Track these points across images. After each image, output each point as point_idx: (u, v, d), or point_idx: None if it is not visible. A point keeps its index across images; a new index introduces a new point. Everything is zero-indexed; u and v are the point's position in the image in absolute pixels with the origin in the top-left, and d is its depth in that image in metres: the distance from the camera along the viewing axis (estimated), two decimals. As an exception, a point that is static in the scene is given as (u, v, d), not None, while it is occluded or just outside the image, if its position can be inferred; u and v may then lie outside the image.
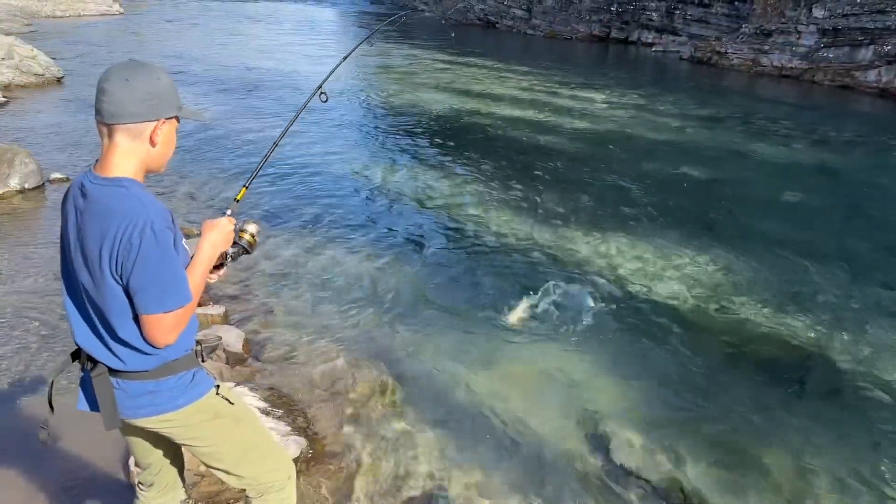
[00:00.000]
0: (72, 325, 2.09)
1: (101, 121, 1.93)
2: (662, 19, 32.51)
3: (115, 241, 1.87)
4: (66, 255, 2.04)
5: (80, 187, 1.97)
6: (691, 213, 8.51)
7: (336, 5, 59.53)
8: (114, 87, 1.91)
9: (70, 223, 1.99)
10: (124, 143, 1.95)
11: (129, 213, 1.87)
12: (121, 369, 2.04)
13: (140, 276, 1.89)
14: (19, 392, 4.19)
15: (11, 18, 28.05)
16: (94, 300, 1.98)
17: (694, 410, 4.50)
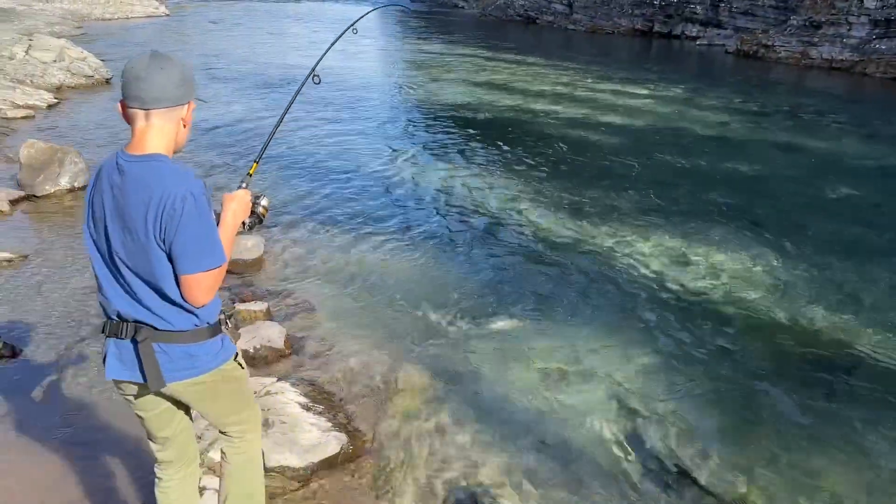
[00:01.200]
0: (108, 297, 2.22)
1: (139, 106, 2.09)
2: (707, 12, 31.90)
3: (159, 209, 2.04)
4: (99, 231, 2.18)
5: (116, 167, 2.12)
6: (737, 210, 8.32)
7: (375, 4, 59.84)
8: (152, 75, 2.06)
9: (106, 200, 2.13)
10: (160, 125, 2.12)
11: (171, 183, 2.06)
12: (166, 329, 2.19)
13: (182, 240, 2.06)
14: (77, 387, 4.29)
15: (63, 21, 28.84)
16: (136, 268, 2.14)
17: (737, 411, 4.39)
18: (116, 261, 2.15)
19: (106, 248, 2.17)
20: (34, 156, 7.80)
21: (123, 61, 10.54)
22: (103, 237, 2.16)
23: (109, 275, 2.20)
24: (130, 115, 2.13)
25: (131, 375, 2.24)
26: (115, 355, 2.26)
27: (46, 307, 5.23)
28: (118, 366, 2.26)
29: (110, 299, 2.21)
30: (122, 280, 2.17)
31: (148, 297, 2.17)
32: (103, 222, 2.14)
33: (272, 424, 3.77)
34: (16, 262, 5.95)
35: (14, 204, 7.40)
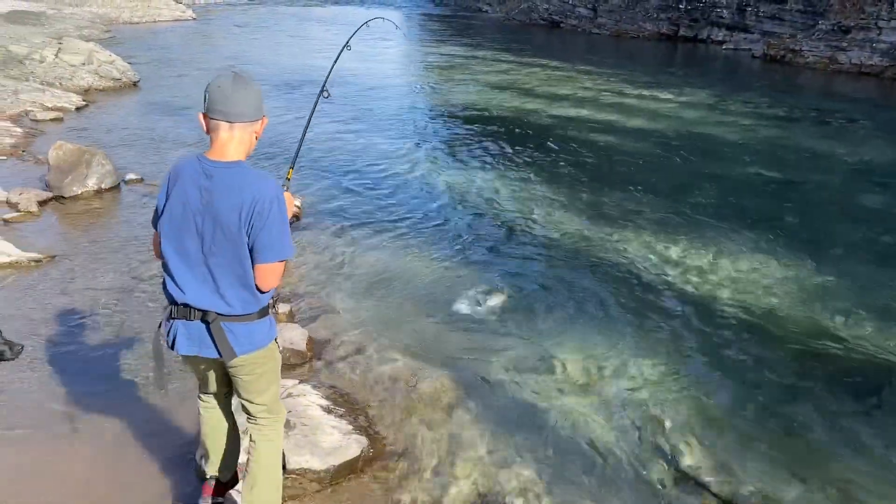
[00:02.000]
0: (179, 285, 2.53)
1: (224, 119, 2.44)
2: (734, 16, 31.62)
3: (251, 208, 2.42)
4: (179, 226, 2.49)
5: (203, 171, 2.47)
6: (764, 216, 8.21)
7: (400, 8, 60.10)
8: (236, 94, 2.43)
9: (192, 201, 2.46)
10: (240, 136, 2.48)
11: (261, 187, 2.45)
12: (231, 314, 2.54)
13: (267, 234, 2.45)
14: (99, 385, 4.34)
15: (91, 25, 29.29)
16: (222, 258, 2.48)
17: (763, 419, 4.33)
18: (200, 253, 2.49)
19: (187, 242, 2.49)
20: (62, 157, 7.92)
21: (151, 65, 10.77)
22: (185, 233, 2.49)
23: (184, 265, 2.52)
24: (213, 126, 2.46)
25: (201, 350, 2.60)
26: (184, 335, 2.59)
27: (72, 307, 5.30)
28: (187, 343, 2.60)
29: (183, 287, 2.53)
30: (202, 270, 2.51)
31: (226, 285, 2.52)
32: (187, 220, 2.47)
33: (294, 426, 3.77)
34: (44, 263, 6.04)
35: (42, 205, 7.51)
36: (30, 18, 26.90)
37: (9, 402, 4.12)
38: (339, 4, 58.82)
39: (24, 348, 3.54)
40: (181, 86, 15.92)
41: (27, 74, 14.98)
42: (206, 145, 2.53)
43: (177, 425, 3.98)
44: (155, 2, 41.87)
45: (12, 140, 10.17)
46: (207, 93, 2.45)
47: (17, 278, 5.75)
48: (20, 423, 3.93)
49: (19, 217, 7.14)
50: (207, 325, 2.54)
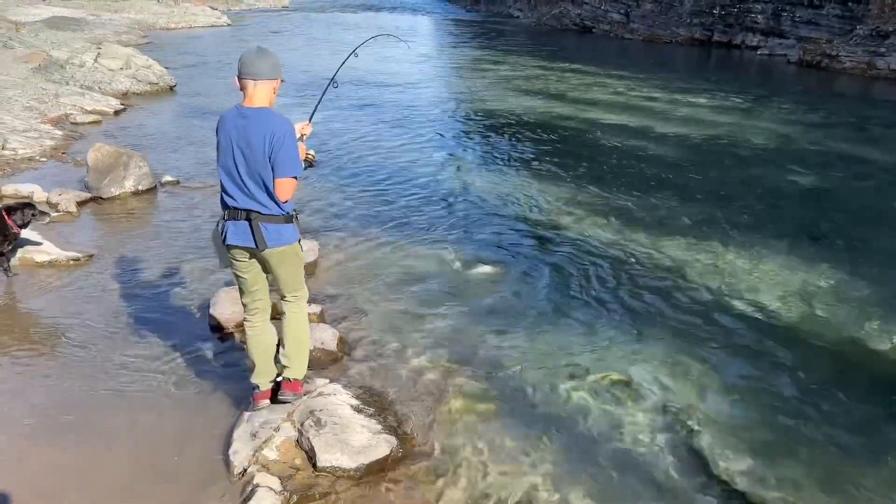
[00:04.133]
0: (230, 194, 3.53)
1: (251, 78, 3.43)
2: (768, 21, 31.20)
3: (273, 137, 3.38)
4: (226, 154, 3.48)
5: (239, 114, 3.46)
6: (799, 223, 8.09)
7: (431, 14, 60.27)
8: (259, 60, 3.44)
9: (232, 135, 3.45)
10: (263, 90, 3.47)
11: (278, 123, 3.43)
12: (266, 213, 3.51)
13: (281, 156, 3.40)
14: (138, 382, 4.43)
15: (130, 31, 29.88)
16: (253, 174, 3.45)
17: (799, 431, 4.26)
18: (240, 170, 3.46)
19: (232, 163, 3.47)
20: (101, 159, 8.09)
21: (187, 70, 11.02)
22: (230, 157, 3.46)
23: (231, 180, 3.52)
24: (244, 84, 3.46)
25: (243, 242, 3.55)
26: (232, 231, 3.56)
27: (110, 305, 5.41)
28: (234, 237, 3.56)
29: (232, 195, 3.52)
30: (241, 182, 3.48)
31: (258, 192, 3.48)
32: (230, 148, 3.45)
33: (325, 425, 3.81)
34: (82, 262, 6.18)
35: (81, 206, 7.68)
36: (70, 24, 27.55)
37: (47, 397, 4.23)
38: (371, 10, 59.22)
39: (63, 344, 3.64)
40: (216, 90, 16.17)
41: (68, 79, 15.34)
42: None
43: (210, 421, 4.04)
44: (191, 8, 42.59)
45: (53, 142, 10.42)
46: (240, 61, 3.46)
47: (57, 276, 5.89)
48: (59, 421, 4.03)
49: (59, 217, 7.31)
50: (249, 223, 3.50)
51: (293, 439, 3.82)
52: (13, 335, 4.94)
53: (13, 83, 13.81)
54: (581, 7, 43.57)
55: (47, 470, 3.59)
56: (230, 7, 55.03)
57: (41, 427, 3.93)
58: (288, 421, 3.91)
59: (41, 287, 5.68)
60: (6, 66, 15.80)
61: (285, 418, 3.92)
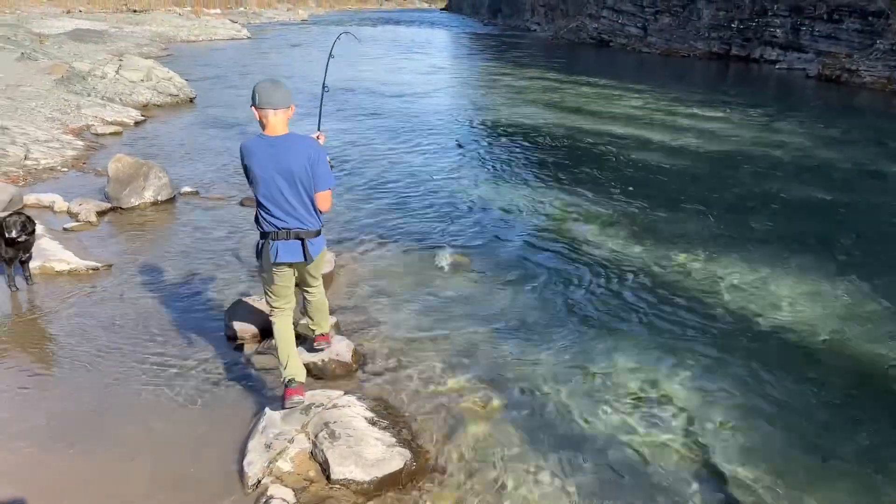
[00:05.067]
0: (277, 217, 3.86)
1: (271, 108, 3.74)
2: (787, 36, 31.05)
3: (310, 157, 3.79)
4: (267, 184, 3.78)
5: (268, 144, 3.77)
6: (819, 238, 8.01)
7: (449, 28, 60.64)
8: (276, 92, 3.77)
9: (269, 164, 3.75)
10: (282, 117, 3.80)
11: (310, 143, 3.89)
12: (311, 229, 3.96)
13: (319, 173, 3.85)
14: (154, 391, 4.45)
15: (151, 43, 30.27)
16: (296, 195, 3.83)
17: (817, 449, 4.19)
18: (285, 195, 3.80)
19: (276, 191, 3.79)
20: (121, 170, 8.19)
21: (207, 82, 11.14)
22: (273, 186, 3.78)
23: (276, 206, 3.84)
24: (264, 114, 3.76)
25: (294, 258, 3.95)
26: (283, 249, 3.91)
27: (127, 314, 5.45)
28: (286, 255, 3.93)
29: (280, 218, 3.87)
30: (289, 205, 3.84)
31: (304, 212, 3.90)
32: (270, 178, 3.76)
33: (339, 437, 3.81)
34: (101, 271, 6.24)
35: (101, 215, 7.77)
36: (92, 36, 27.98)
37: (64, 405, 4.26)
38: (388, 24, 59.66)
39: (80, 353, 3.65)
40: (236, 102, 16.33)
41: (89, 90, 15.56)
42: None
43: (225, 431, 4.05)
44: (211, 21, 43.12)
45: (74, 153, 10.57)
46: (256, 93, 3.75)
47: (76, 285, 5.95)
48: (76, 429, 4.06)
49: (79, 227, 7.40)
50: (301, 241, 3.93)
51: (307, 451, 3.82)
52: (31, 342, 4.99)
53: (36, 94, 14.03)
54: (598, 21, 43.64)
55: (64, 477, 3.61)
56: (250, 20, 55.72)
57: (58, 435, 3.96)
58: (302, 432, 3.91)
59: (60, 296, 5.74)
60: (30, 77, 16.07)
61: (299, 430, 3.92)
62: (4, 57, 18.35)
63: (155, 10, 50.29)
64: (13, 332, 5.16)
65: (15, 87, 14.29)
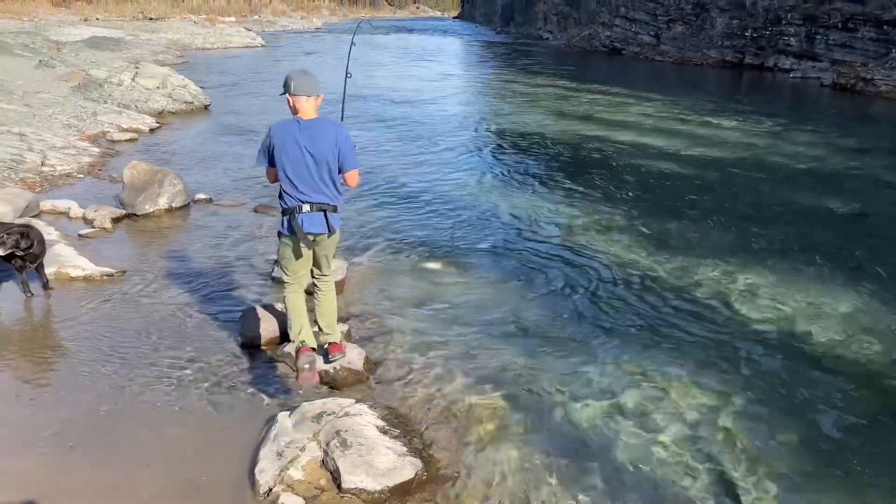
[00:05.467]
0: (301, 190, 4.14)
1: (305, 95, 4.14)
2: (802, 44, 30.93)
3: (338, 139, 4.16)
4: (296, 160, 4.10)
5: (302, 126, 4.13)
6: (834, 250, 7.94)
7: (461, 36, 60.82)
8: (309, 80, 4.19)
9: (301, 142, 4.09)
10: (314, 103, 4.21)
11: (338, 127, 4.25)
12: (331, 203, 4.25)
13: (348, 152, 4.21)
14: (166, 398, 4.47)
15: (166, 51, 30.53)
16: (322, 172, 4.16)
17: (837, 465, 4.15)
18: (311, 171, 4.13)
19: (303, 167, 4.11)
20: (136, 177, 8.25)
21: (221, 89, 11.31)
22: (302, 162, 4.10)
23: (302, 181, 4.14)
24: (298, 100, 4.15)
25: (319, 229, 4.21)
26: (307, 221, 4.18)
27: (141, 320, 5.49)
28: (311, 226, 4.19)
29: (305, 192, 4.16)
30: (314, 181, 4.15)
31: (328, 188, 4.22)
32: (301, 155, 4.09)
33: (350, 445, 3.81)
34: (116, 278, 6.28)
35: (116, 222, 7.83)
36: (109, 44, 28.25)
37: (77, 411, 4.28)
38: (401, 32, 59.90)
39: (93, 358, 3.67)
40: (250, 110, 16.44)
41: (106, 97, 15.71)
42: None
43: (237, 438, 4.07)
44: (226, 29, 43.44)
45: (90, 159, 10.66)
46: (290, 81, 4.15)
47: (90, 291, 6.00)
48: (88, 435, 4.08)
49: (94, 233, 7.46)
50: (324, 213, 4.20)
51: (319, 459, 3.83)
52: (45, 348, 5.03)
53: (54, 101, 14.18)
54: (611, 29, 43.65)
55: (76, 484, 3.63)
56: (264, 28, 56.11)
57: (70, 441, 3.98)
58: (314, 441, 3.91)
59: (74, 301, 5.78)
60: (48, 84, 16.24)
61: (311, 438, 3.93)
62: (23, 64, 18.57)
63: (171, 18, 50.77)
64: (27, 337, 5.20)
65: (33, 93, 14.45)
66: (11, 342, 5.10)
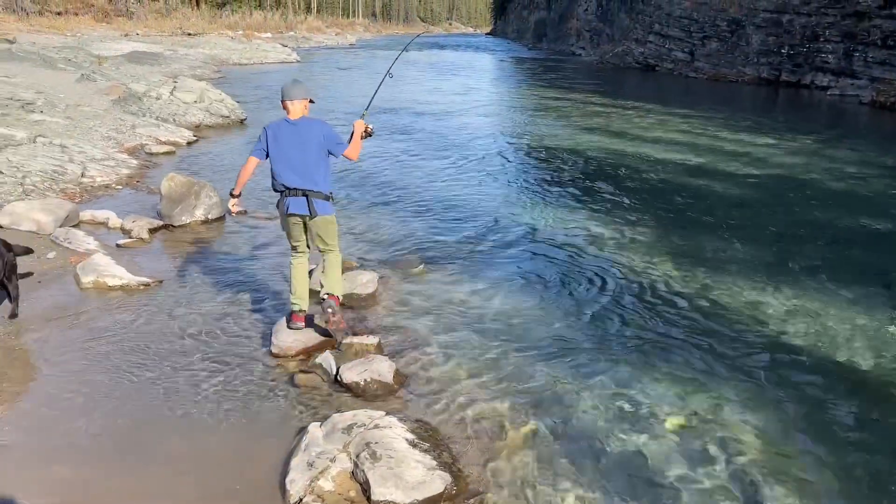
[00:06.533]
0: (288, 178, 4.98)
1: (290, 99, 5.02)
2: (840, 62, 30.46)
3: (323, 134, 4.99)
4: (286, 152, 4.98)
5: (289, 124, 5.02)
6: (871, 270, 7.77)
7: (494, 52, 61.03)
8: (294, 88, 5.06)
9: (290, 138, 4.97)
10: (300, 106, 5.03)
11: (320, 124, 5.05)
12: (316, 191, 4.99)
13: (331, 141, 5.04)
14: (197, 407, 4.52)
15: (204, 65, 31.12)
16: (308, 163, 4.97)
17: (868, 485, 4.05)
18: (297, 162, 4.96)
19: (292, 157, 4.96)
20: (174, 188, 8.40)
21: (257, 104, 11.54)
22: (290, 153, 4.96)
23: (290, 169, 4.96)
24: (286, 105, 5.05)
25: (301, 211, 5.00)
26: (294, 203, 5.00)
27: (176, 330, 5.57)
28: (295, 207, 5.00)
29: (291, 179, 4.97)
30: (300, 170, 4.96)
31: (312, 176, 4.98)
32: (290, 147, 4.97)
33: (380, 458, 3.82)
34: (151, 287, 6.39)
35: (153, 232, 7.97)
36: (148, 59, 28.89)
37: (110, 418, 4.35)
38: (433, 48, 60.34)
39: (128, 366, 3.72)
40: (283, 123, 16.63)
41: (144, 110, 16.05)
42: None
43: (268, 447, 4.10)
44: (263, 45, 44.17)
45: (129, 171, 10.89)
46: (283, 89, 5.07)
47: (127, 300, 6.11)
48: (122, 442, 4.14)
49: (132, 243, 7.61)
50: (307, 198, 4.96)
51: (349, 471, 3.84)
52: (80, 355, 5.12)
53: (94, 114, 14.52)
54: (645, 45, 43.44)
55: (110, 492, 3.69)
56: (299, 44, 56.95)
57: (104, 448, 4.05)
58: (344, 452, 3.93)
59: (111, 309, 5.90)
60: (89, 97, 16.64)
61: (341, 449, 3.95)
62: (66, 78, 19.07)
63: (208, 34, 51.77)
64: (62, 344, 5.30)
65: (75, 106, 14.81)
66: (46, 349, 5.21)
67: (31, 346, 5.25)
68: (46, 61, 21.50)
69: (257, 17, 71.99)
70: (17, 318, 5.56)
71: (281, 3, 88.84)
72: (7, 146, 10.51)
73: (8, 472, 3.78)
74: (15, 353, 5.13)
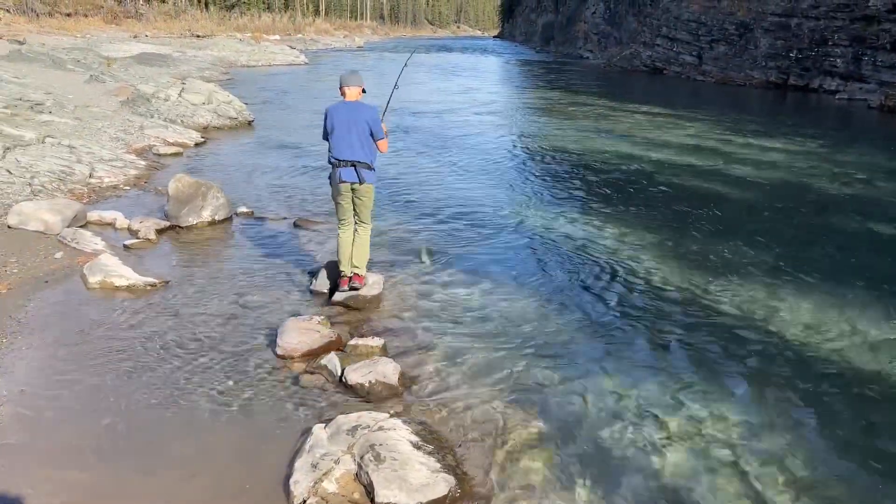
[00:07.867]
0: (342, 150, 5.93)
1: (348, 86, 6.04)
2: (848, 66, 30.34)
3: (370, 118, 5.97)
4: (341, 127, 5.91)
5: (346, 106, 5.99)
6: (881, 275, 7.74)
7: (501, 55, 61.06)
8: (351, 76, 6.11)
9: (345, 116, 5.92)
10: (355, 91, 6.05)
11: (371, 109, 6.02)
12: (365, 162, 5.96)
13: (375, 125, 6.01)
14: (204, 407, 4.53)
15: (212, 67, 31.23)
16: (360, 138, 5.92)
17: (876, 491, 4.03)
18: (351, 137, 5.89)
19: (345, 133, 5.88)
20: (181, 189, 8.43)
21: (265, 106, 11.64)
22: (345, 129, 5.89)
23: (344, 143, 5.90)
24: (345, 90, 6.02)
25: (351, 179, 5.96)
26: (345, 173, 5.94)
27: (182, 330, 5.59)
28: (347, 176, 5.94)
29: (344, 151, 5.91)
30: (352, 144, 5.89)
31: (361, 150, 5.94)
32: (345, 124, 5.89)
33: (384, 460, 3.82)
34: (158, 287, 6.41)
35: (160, 233, 8.00)
36: (157, 60, 29.00)
37: (117, 419, 4.37)
38: (442, 51, 60.38)
39: (134, 367, 3.73)
40: (292, 126, 16.71)
41: (153, 112, 16.12)
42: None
43: (272, 448, 4.10)
44: (271, 47, 44.31)
45: (136, 172, 10.93)
46: (342, 77, 6.08)
47: (134, 300, 6.13)
48: (128, 443, 4.15)
49: (139, 244, 7.63)
50: (355, 168, 5.92)
51: (352, 472, 3.84)
52: (87, 355, 5.14)
53: (103, 115, 14.59)
54: (652, 49, 43.38)
55: (117, 493, 3.70)
56: (307, 46, 57.11)
57: (110, 448, 4.06)
58: (348, 454, 3.93)
59: (118, 310, 5.92)
60: (97, 98, 16.73)
61: (345, 451, 3.95)
62: (75, 79, 19.17)
63: (217, 36, 51.96)
64: (69, 344, 5.33)
65: (84, 107, 14.88)
66: (55, 350, 5.23)
67: (38, 345, 5.27)
68: (56, 62, 21.62)
69: (266, 20, 72.31)
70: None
71: (289, 5, 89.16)
72: (16, 146, 10.57)
73: (15, 472, 3.80)
74: (21, 352, 5.15)
